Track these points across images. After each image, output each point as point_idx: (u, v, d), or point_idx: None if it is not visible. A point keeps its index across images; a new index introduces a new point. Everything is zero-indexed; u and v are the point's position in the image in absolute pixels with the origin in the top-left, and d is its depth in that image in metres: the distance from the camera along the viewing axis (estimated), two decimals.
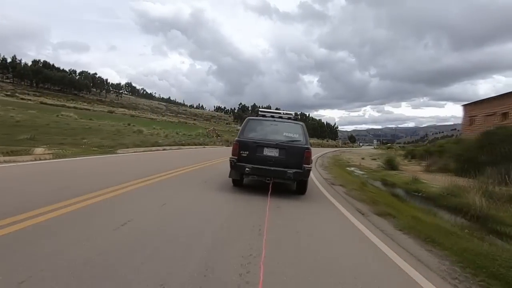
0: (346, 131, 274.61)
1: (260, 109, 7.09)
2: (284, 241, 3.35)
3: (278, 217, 4.33)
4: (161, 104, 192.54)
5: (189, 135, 30.38)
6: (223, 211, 4.56)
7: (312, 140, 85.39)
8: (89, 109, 78.90)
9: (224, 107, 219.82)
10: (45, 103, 69.52)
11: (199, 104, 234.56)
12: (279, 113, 6.90)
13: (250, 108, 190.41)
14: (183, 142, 22.33)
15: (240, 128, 6.56)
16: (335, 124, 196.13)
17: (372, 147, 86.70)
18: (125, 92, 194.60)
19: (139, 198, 4.74)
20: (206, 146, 23.63)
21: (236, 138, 6.13)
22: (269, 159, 5.77)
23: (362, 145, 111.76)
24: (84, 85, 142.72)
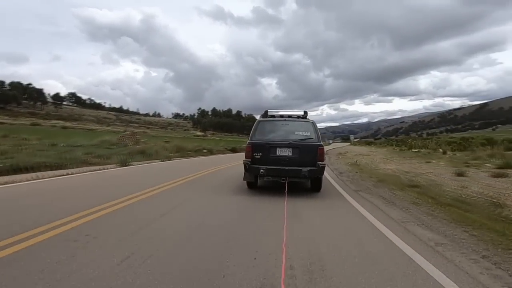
0: None
1: (269, 110, 6.73)
2: None
3: None
4: (110, 114, 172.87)
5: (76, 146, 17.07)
6: None
7: None
8: (3, 123, 62.28)
9: (183, 114, 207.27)
10: None
11: (155, 112, 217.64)
12: (288, 113, 6.61)
13: (210, 113, 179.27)
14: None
15: (251, 130, 6.26)
16: None
17: (348, 143, 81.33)
18: (69, 103, 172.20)
19: None
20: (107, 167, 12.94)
21: (248, 141, 6.04)
22: (283, 159, 5.77)
23: (332, 141, 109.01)
24: (12, 96, 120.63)
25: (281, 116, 6.54)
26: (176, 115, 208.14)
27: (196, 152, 18.62)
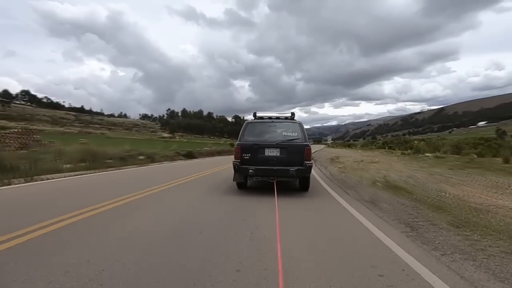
0: None
1: (257, 112, 6.79)
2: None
3: None
4: (69, 114, 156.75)
5: None
6: None
7: None
8: None
9: (152, 115, 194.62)
10: None
11: (121, 112, 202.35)
12: (276, 114, 6.73)
13: (180, 114, 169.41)
14: None
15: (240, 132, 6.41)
16: None
17: (323, 145, 77.30)
18: (22, 102, 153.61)
19: None
20: None
21: (237, 142, 6.15)
22: (271, 159, 5.86)
23: None
24: None
25: (269, 117, 6.59)
26: (144, 116, 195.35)
27: (124, 160, 11.79)
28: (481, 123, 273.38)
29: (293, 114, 6.61)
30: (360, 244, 3.06)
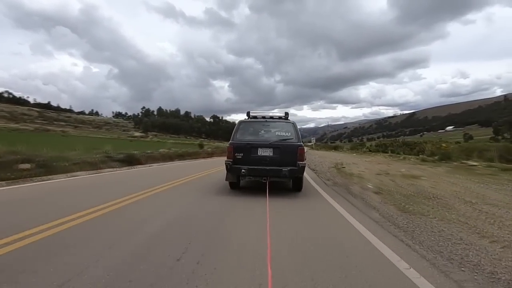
0: None
1: (251, 111, 6.65)
2: None
3: None
4: (32, 110, 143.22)
5: None
6: None
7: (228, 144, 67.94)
8: None
9: (126, 113, 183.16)
10: None
11: (92, 110, 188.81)
12: (270, 114, 6.60)
13: (155, 112, 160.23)
14: None
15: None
16: None
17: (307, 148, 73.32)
18: None
19: None
20: None
21: (230, 141, 5.95)
22: (264, 159, 5.72)
23: None
24: None
25: (263, 117, 6.49)
26: (118, 115, 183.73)
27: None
28: (449, 128, 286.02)
29: (286, 113, 6.51)
30: None
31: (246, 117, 6.51)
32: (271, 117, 6.43)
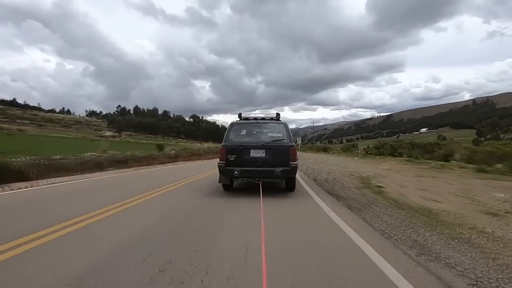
0: None
1: (242, 113, 6.51)
2: None
3: None
4: None
5: None
6: None
7: (207, 144, 62.83)
8: None
9: (101, 112, 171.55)
10: None
11: (63, 108, 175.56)
12: (261, 115, 6.50)
13: (132, 111, 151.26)
14: None
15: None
16: None
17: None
18: None
19: None
20: None
21: (222, 143, 5.88)
22: (257, 160, 5.64)
23: None
24: None
25: (255, 118, 6.41)
26: (92, 113, 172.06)
27: None
28: (423, 130, 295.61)
29: (278, 114, 6.39)
30: None
31: (238, 119, 6.40)
32: (263, 118, 6.37)
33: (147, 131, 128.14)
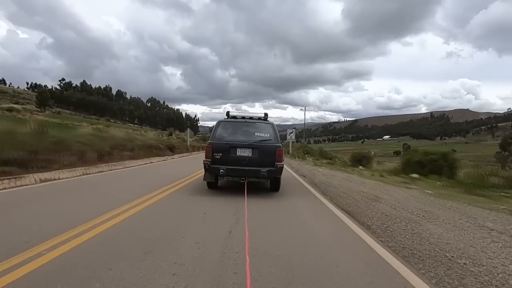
0: (208, 127, 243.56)
1: (230, 111, 6.52)
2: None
3: None
4: None
5: None
6: None
7: (154, 133, 45.46)
8: None
9: (46, 86, 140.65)
10: None
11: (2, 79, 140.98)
12: (250, 114, 6.48)
13: (79, 86, 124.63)
14: None
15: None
16: (195, 117, 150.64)
17: None
18: None
19: None
20: None
21: (209, 141, 5.82)
22: (243, 159, 5.58)
23: None
24: None
25: (243, 117, 6.35)
26: (35, 86, 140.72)
27: None
28: (386, 137, 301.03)
29: (266, 115, 6.43)
30: None
31: (226, 117, 6.32)
32: (251, 118, 6.29)
33: (91, 111, 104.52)
